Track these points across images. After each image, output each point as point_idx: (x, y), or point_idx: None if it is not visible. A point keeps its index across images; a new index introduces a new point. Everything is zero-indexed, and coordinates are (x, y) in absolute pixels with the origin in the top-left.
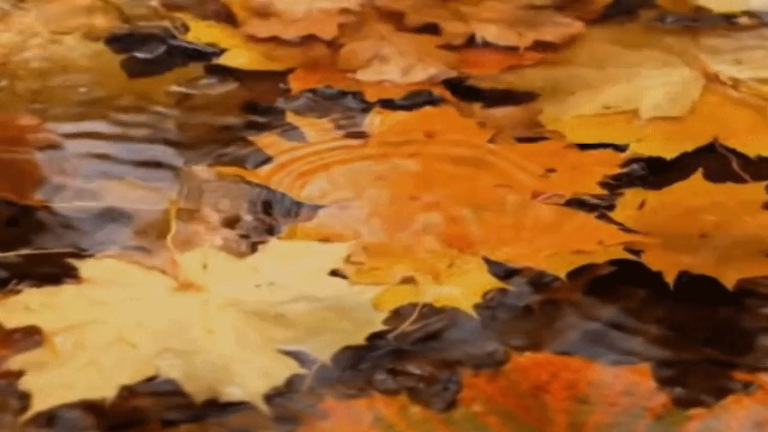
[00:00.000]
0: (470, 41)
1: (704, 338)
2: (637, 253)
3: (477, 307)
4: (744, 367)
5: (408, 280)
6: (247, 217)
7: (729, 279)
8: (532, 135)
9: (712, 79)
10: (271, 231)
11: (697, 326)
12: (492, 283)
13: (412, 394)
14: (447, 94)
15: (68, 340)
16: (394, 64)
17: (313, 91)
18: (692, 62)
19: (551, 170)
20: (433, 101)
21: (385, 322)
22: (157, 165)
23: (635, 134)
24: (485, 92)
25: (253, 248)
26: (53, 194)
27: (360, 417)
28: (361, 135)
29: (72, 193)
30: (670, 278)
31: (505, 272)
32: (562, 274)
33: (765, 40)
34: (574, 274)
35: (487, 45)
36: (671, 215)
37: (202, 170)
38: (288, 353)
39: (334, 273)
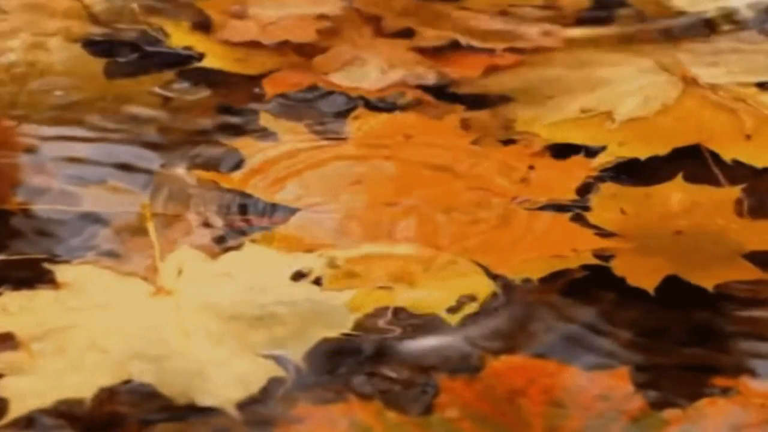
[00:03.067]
0: (448, 45)
1: (681, 342)
2: (607, 258)
3: (453, 311)
4: (721, 371)
5: (384, 285)
6: (223, 221)
7: (706, 282)
8: (509, 139)
9: (690, 82)
10: (247, 235)
11: (674, 330)
12: (468, 287)
13: (387, 398)
14: (424, 98)
15: (45, 345)
16: (370, 69)
17: (288, 95)
18: (670, 66)
19: (528, 174)
20: (410, 105)
21: (361, 326)
22: (135, 168)
23: (613, 137)
24: (463, 96)
25: (229, 252)
26: (31, 198)
27: (335, 421)
28: (337, 138)
29: (50, 197)
30: (647, 282)
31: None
32: (536, 278)
33: (742, 43)
34: (550, 278)
35: (464, 49)
36: (648, 218)
37: (180, 173)
38: (263, 358)
39: (311, 277)
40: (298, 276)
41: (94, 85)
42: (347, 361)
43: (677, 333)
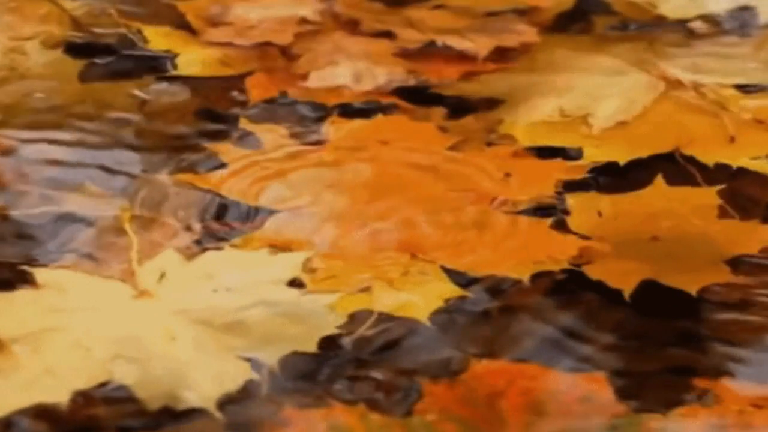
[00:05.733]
0: (427, 48)
1: (660, 346)
2: (580, 264)
3: (434, 314)
4: (700, 376)
5: (364, 288)
6: (204, 224)
7: (686, 286)
8: (490, 141)
9: (673, 85)
10: (227, 238)
11: (654, 333)
12: (449, 290)
13: (370, 402)
14: (402, 102)
15: (25, 347)
16: (349, 72)
17: (269, 98)
18: (649, 69)
19: (508, 177)
20: (389, 108)
21: (342, 329)
22: (114, 171)
23: (592, 140)
24: (443, 99)
25: (209, 255)
26: (10, 201)
27: (318, 424)
28: (317, 141)
29: (29, 200)
30: (624, 286)
31: (462, 279)
32: (516, 281)
33: (722, 47)
34: (531, 282)
35: (444, 52)
36: (628, 221)
37: (160, 177)
38: (244, 361)
39: (290, 280)
40: (284, 280)
41: (73, 88)
42: (329, 365)
43: (657, 337)
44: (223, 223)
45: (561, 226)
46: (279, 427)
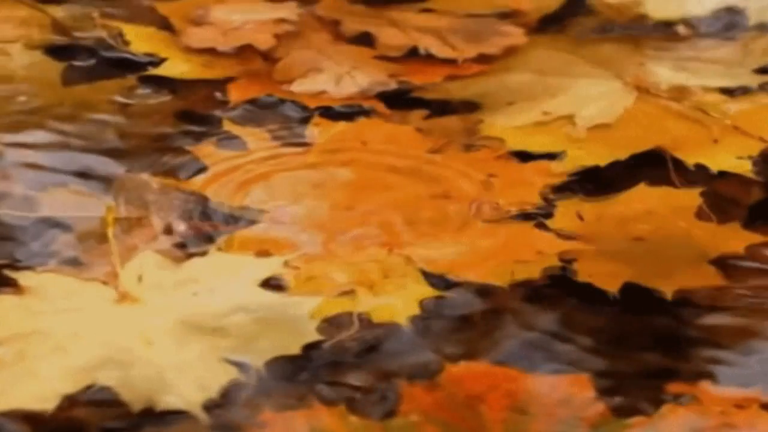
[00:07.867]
0: (410, 51)
1: (642, 348)
2: (570, 262)
3: (414, 317)
4: (681, 377)
5: (346, 291)
6: (186, 227)
7: (667, 288)
8: (471, 145)
9: (646, 89)
10: (209, 240)
11: (635, 335)
12: (429, 293)
13: (350, 404)
14: (382, 105)
15: (8, 351)
16: (331, 75)
17: (251, 100)
18: (631, 72)
19: (490, 180)
20: (371, 111)
21: (323, 333)
22: (96, 174)
23: (574, 143)
24: (425, 102)
25: (192, 258)
26: None
27: (298, 427)
28: (299, 144)
29: (10, 202)
30: (608, 287)
31: (442, 282)
32: (504, 285)
33: (704, 50)
34: (513, 284)
35: (426, 55)
36: (609, 224)
37: (142, 179)
38: (225, 363)
39: (273, 283)
40: (266, 283)
41: (54, 91)
42: (309, 368)
43: (638, 339)
44: (205, 224)
45: (543, 229)
46: (258, 429)
